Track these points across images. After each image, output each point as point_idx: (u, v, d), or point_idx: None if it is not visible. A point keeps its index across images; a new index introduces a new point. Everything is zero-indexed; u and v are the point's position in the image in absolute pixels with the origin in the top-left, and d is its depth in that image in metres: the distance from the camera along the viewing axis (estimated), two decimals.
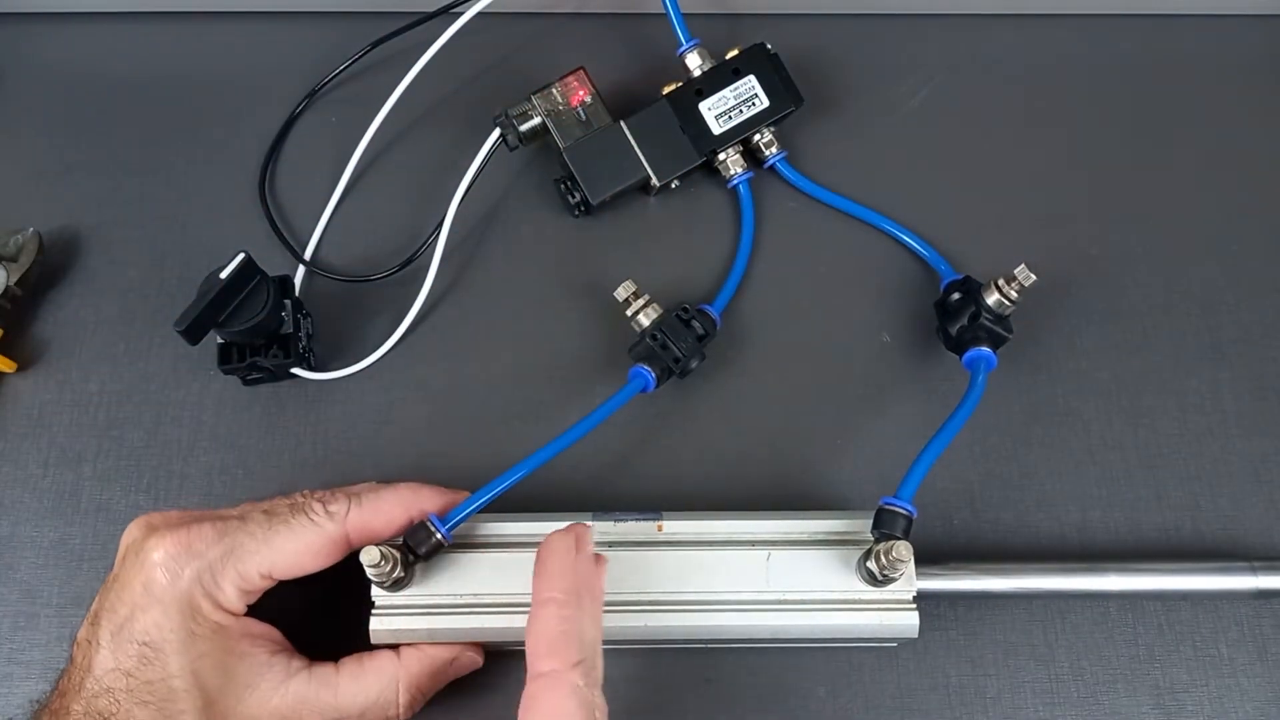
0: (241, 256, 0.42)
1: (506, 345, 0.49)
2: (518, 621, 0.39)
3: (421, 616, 0.39)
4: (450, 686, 0.41)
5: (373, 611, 0.39)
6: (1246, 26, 0.55)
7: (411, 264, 0.49)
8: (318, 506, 0.39)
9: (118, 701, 0.35)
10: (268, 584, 0.38)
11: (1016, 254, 0.47)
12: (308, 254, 0.50)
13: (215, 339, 0.45)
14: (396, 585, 0.39)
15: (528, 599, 0.39)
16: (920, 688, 0.43)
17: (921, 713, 0.43)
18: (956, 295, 0.46)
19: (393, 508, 0.39)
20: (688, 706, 0.43)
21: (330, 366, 0.48)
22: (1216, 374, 0.49)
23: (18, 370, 0.48)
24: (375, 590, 0.39)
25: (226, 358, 0.45)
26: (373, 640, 0.39)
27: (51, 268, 0.49)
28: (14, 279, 0.47)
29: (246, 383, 0.47)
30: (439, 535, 0.38)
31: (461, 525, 0.39)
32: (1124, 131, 0.53)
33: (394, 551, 0.37)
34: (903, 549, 0.37)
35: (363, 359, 0.48)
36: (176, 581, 0.36)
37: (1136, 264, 0.51)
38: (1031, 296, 0.45)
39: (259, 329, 0.44)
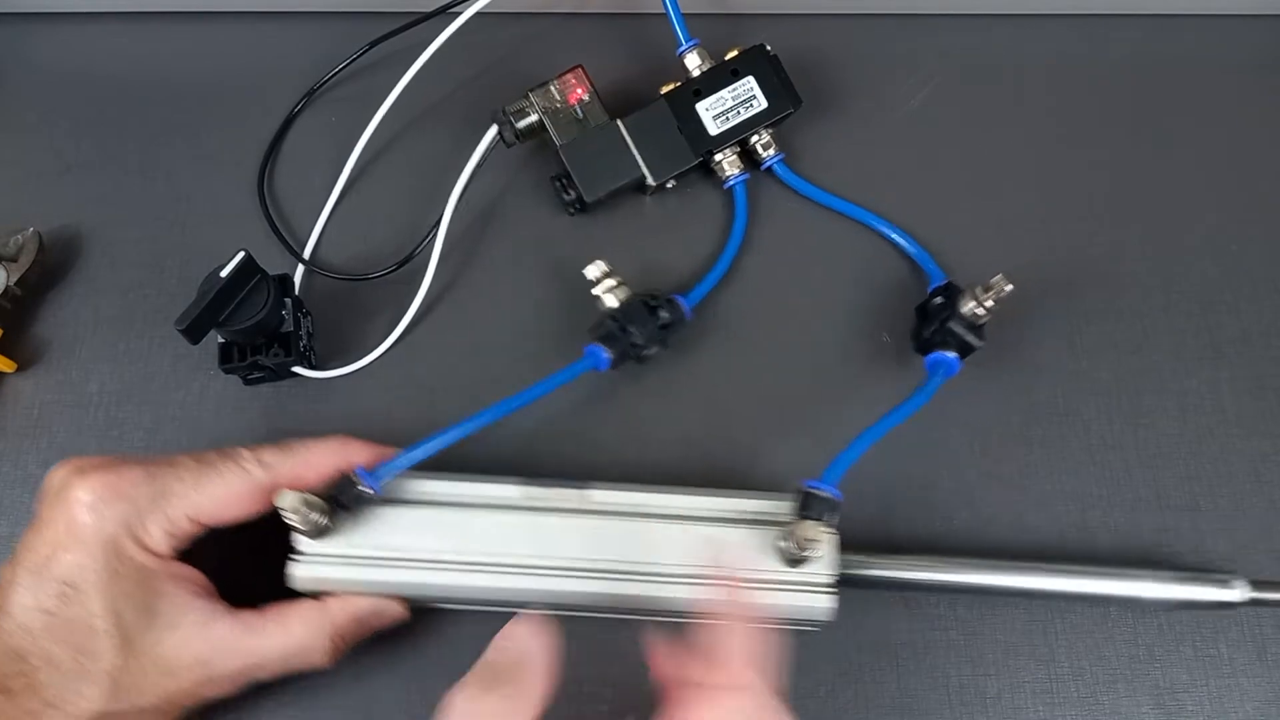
0: (242, 255, 0.42)
1: (504, 342, 0.49)
2: (440, 579, 0.40)
3: (345, 567, 0.40)
4: (378, 641, 0.41)
5: (294, 557, 0.39)
6: (1246, 26, 0.55)
7: (410, 262, 0.49)
8: (248, 455, 0.39)
9: (35, 639, 0.35)
10: (195, 529, 0.38)
11: (1016, 254, 0.47)
12: (306, 253, 0.50)
13: (216, 338, 0.45)
14: (321, 533, 0.39)
15: (453, 557, 0.40)
16: (920, 688, 0.43)
17: (921, 713, 0.43)
18: (939, 299, 0.46)
19: (323, 459, 0.39)
20: None
21: (330, 365, 0.48)
22: (1216, 374, 0.48)
23: (18, 370, 0.48)
24: (299, 538, 0.39)
25: (227, 357, 0.45)
26: (293, 586, 0.40)
27: (51, 268, 0.49)
28: (14, 279, 0.47)
29: (247, 382, 0.47)
30: (363, 487, 0.38)
31: (397, 481, 0.39)
32: (1124, 131, 0.53)
33: (315, 498, 0.38)
34: (810, 529, 0.37)
35: (363, 357, 0.48)
36: (101, 523, 0.36)
37: (1136, 264, 0.51)
38: (1032, 296, 0.45)
39: (260, 328, 0.44)
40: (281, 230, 0.50)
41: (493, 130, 0.48)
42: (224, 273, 0.42)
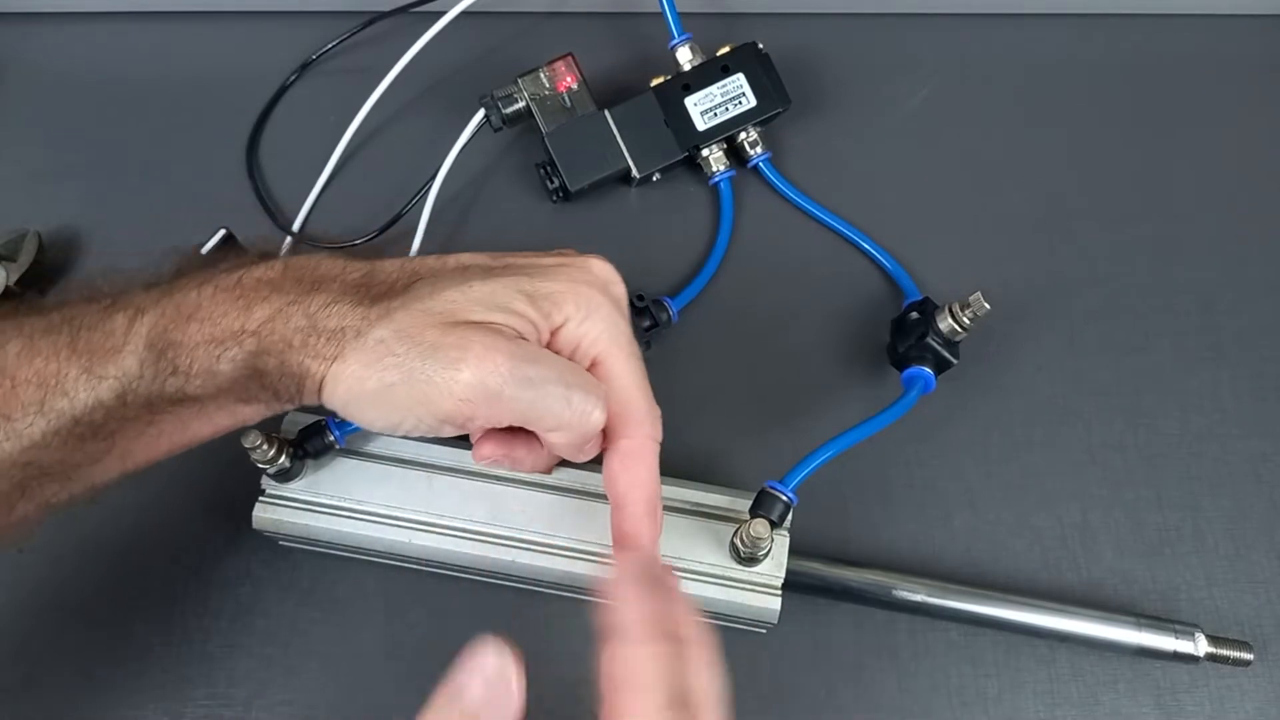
0: (222, 233, 0.43)
1: None
2: (395, 535, 0.40)
3: (304, 512, 0.40)
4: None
5: (260, 499, 0.40)
6: (1246, 26, 0.55)
7: (393, 228, 0.49)
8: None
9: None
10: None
11: (1014, 254, 0.47)
12: (295, 226, 0.50)
13: None
14: (283, 475, 0.40)
15: (409, 515, 0.40)
16: (920, 688, 0.43)
17: (921, 713, 0.43)
18: (914, 315, 0.46)
19: None
20: None
21: None
22: (1216, 374, 0.48)
23: None
24: (265, 479, 0.40)
25: None
26: (255, 526, 0.40)
27: (51, 268, 0.49)
28: (14, 279, 0.47)
29: None
30: (330, 437, 0.40)
31: (364, 437, 0.41)
32: (1124, 132, 0.53)
33: (276, 438, 0.38)
34: (759, 526, 0.38)
35: None
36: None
37: (1136, 264, 0.51)
38: (1032, 296, 0.45)
39: None
40: (272, 209, 0.51)
41: (480, 114, 0.48)
42: (205, 249, 0.42)
